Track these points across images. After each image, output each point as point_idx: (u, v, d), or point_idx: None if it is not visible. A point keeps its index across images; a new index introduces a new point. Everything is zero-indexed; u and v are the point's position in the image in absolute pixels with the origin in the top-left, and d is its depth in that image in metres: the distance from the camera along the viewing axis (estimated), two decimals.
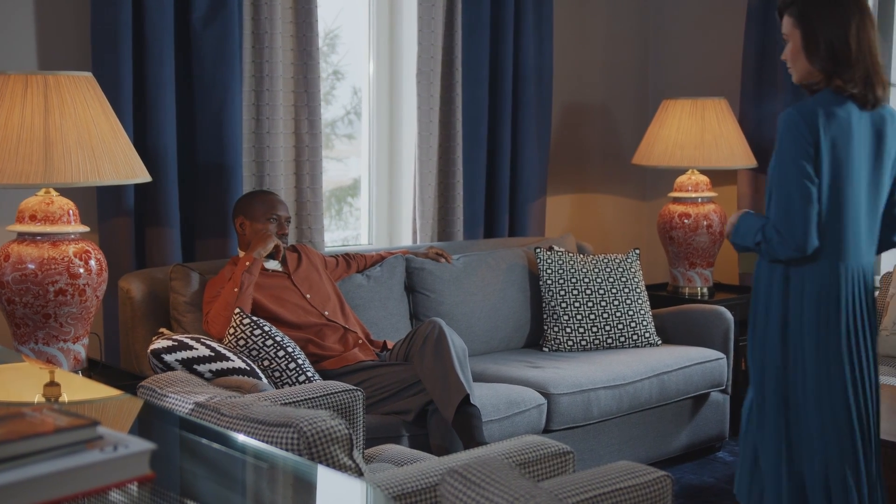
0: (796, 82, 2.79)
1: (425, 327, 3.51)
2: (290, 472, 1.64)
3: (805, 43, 2.71)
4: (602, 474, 2.03)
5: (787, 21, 2.75)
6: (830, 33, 2.68)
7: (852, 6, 2.70)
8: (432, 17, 4.59)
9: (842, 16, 2.68)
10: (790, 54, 2.76)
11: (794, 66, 2.76)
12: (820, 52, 2.69)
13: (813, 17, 2.69)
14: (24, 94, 3.17)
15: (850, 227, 2.74)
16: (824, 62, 2.69)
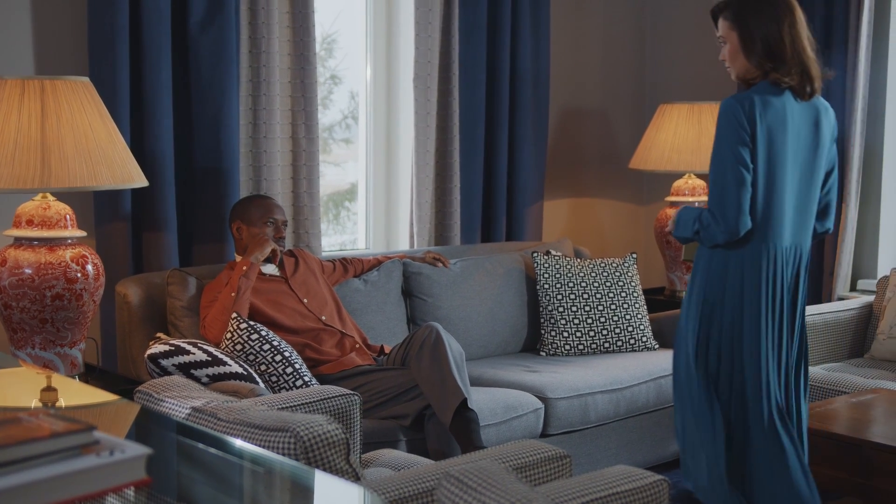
0: (735, 80, 2.98)
1: (422, 332, 3.51)
2: (286, 477, 1.64)
3: (742, 42, 2.89)
4: (599, 478, 2.03)
5: (722, 24, 2.95)
6: (765, 32, 2.86)
7: (783, 6, 2.89)
8: (429, 21, 4.59)
9: (774, 15, 2.87)
10: (729, 54, 2.94)
11: (732, 64, 2.95)
12: (757, 49, 2.87)
13: (748, 17, 2.87)
14: (21, 98, 3.17)
15: (782, 211, 2.90)
16: (761, 58, 2.87)
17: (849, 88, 4.75)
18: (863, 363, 4.38)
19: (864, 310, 4.56)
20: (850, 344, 4.52)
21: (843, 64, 4.78)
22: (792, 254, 2.96)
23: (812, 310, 4.43)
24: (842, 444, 3.37)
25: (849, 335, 4.51)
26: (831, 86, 4.83)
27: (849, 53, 4.73)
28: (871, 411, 3.66)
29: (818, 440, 3.42)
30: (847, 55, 4.75)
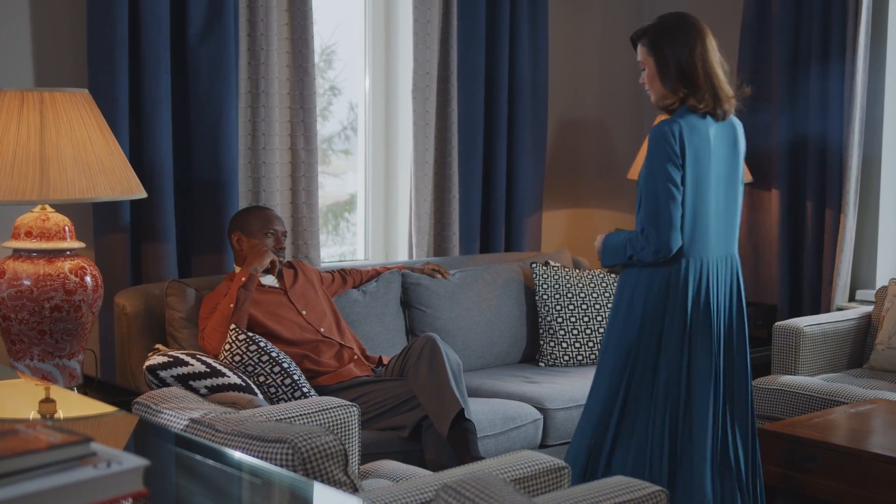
0: (654, 103, 3.12)
1: (420, 342, 3.51)
2: (284, 489, 1.64)
3: (658, 68, 3.06)
4: (597, 489, 2.03)
5: (640, 50, 3.10)
6: (678, 58, 3.04)
7: (694, 33, 3.07)
8: (427, 32, 4.60)
9: (687, 42, 3.05)
10: (647, 79, 3.10)
11: (651, 89, 3.10)
12: (671, 74, 3.04)
13: (663, 44, 3.05)
14: (20, 110, 3.18)
15: (707, 227, 3.09)
16: (675, 83, 3.04)
17: (846, 98, 4.75)
18: (861, 373, 4.38)
19: (863, 320, 4.56)
20: (848, 354, 4.52)
21: (840, 73, 4.79)
22: (724, 263, 3.15)
23: (811, 320, 4.43)
24: (841, 454, 3.36)
25: (847, 345, 4.51)
26: (830, 95, 4.84)
27: (846, 62, 4.74)
28: (870, 422, 3.66)
29: (817, 451, 3.42)
30: (845, 64, 4.76)
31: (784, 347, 4.36)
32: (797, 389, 4.12)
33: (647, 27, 3.11)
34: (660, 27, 3.09)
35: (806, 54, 4.91)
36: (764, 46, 5.08)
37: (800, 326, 4.35)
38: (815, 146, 4.91)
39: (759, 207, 5.19)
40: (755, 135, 5.16)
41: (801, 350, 4.33)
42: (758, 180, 5.13)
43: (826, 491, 3.41)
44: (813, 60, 4.87)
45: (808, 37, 4.89)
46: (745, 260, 5.24)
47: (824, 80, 4.86)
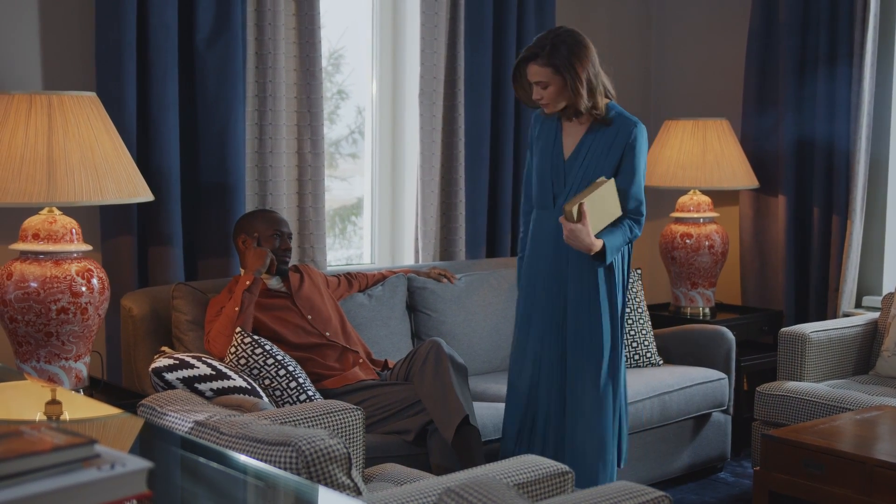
0: (551, 112, 3.38)
1: (425, 347, 3.51)
2: (288, 492, 1.64)
3: (568, 83, 3.30)
4: (601, 494, 2.03)
5: (540, 70, 3.31)
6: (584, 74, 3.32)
7: (591, 50, 3.37)
8: (435, 37, 4.61)
9: (587, 58, 3.34)
10: (552, 95, 3.33)
11: (554, 103, 3.35)
12: (579, 88, 3.31)
13: (570, 65, 3.29)
14: (28, 113, 3.19)
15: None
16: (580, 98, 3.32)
17: (854, 103, 4.75)
18: (867, 380, 4.37)
19: (869, 326, 4.55)
20: (854, 360, 4.51)
21: (847, 78, 4.79)
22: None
23: (817, 326, 4.43)
24: (846, 461, 3.36)
25: (853, 352, 4.50)
26: (837, 100, 4.84)
27: (854, 67, 4.74)
28: (876, 428, 3.65)
29: (822, 457, 3.41)
30: (852, 69, 4.75)
31: (790, 353, 4.35)
32: (803, 396, 4.12)
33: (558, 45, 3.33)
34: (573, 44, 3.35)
35: (813, 59, 4.91)
36: (771, 51, 5.08)
37: (806, 333, 4.34)
38: (822, 152, 4.91)
39: (765, 213, 5.18)
40: (762, 140, 5.16)
41: (807, 356, 4.32)
42: (764, 186, 5.13)
43: (831, 498, 3.40)
44: (820, 65, 4.87)
45: (816, 41, 4.88)
46: (752, 266, 5.23)
47: (831, 85, 4.86)
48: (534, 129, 3.51)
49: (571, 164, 3.39)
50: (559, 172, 3.39)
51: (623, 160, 3.36)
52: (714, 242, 4.98)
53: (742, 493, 4.27)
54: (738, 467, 4.59)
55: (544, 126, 3.46)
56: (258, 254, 3.71)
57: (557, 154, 3.40)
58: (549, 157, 3.40)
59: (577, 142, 3.39)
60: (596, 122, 3.38)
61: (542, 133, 3.46)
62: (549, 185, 3.40)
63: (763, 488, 3.58)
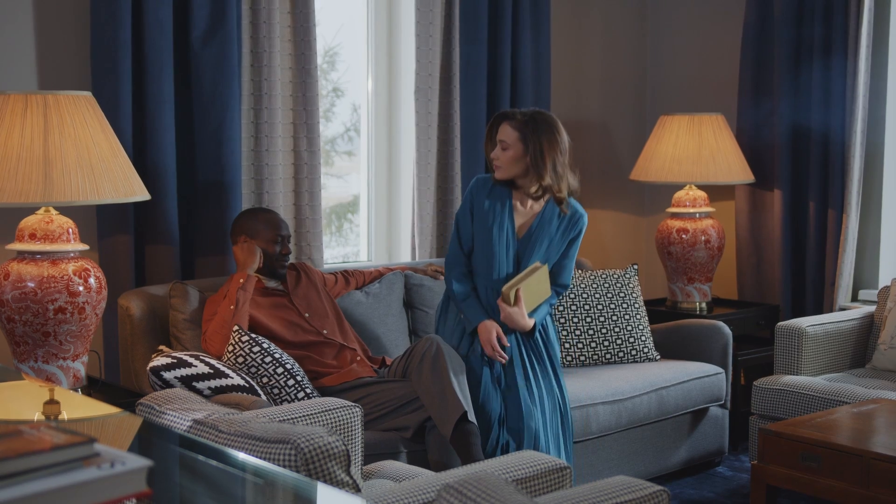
0: (501, 177, 3.54)
1: (422, 344, 3.52)
2: (287, 489, 1.65)
3: (528, 155, 3.50)
4: (599, 489, 2.04)
5: (510, 132, 3.50)
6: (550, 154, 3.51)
7: (563, 140, 3.55)
8: (430, 34, 4.61)
9: (556, 143, 3.52)
10: (508, 159, 3.51)
11: (508, 167, 3.52)
12: (540, 164, 3.49)
13: (538, 139, 3.48)
14: (23, 113, 3.19)
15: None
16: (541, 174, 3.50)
17: (849, 97, 4.76)
18: (864, 373, 4.38)
19: (866, 320, 4.56)
20: (851, 354, 4.52)
21: (842, 71, 4.79)
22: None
23: (813, 320, 4.44)
24: (843, 454, 3.37)
25: (850, 345, 4.51)
26: (832, 93, 4.85)
27: (849, 60, 4.75)
28: (873, 421, 3.66)
29: (820, 450, 3.42)
30: (847, 62, 4.76)
31: (787, 347, 4.36)
32: (800, 389, 4.13)
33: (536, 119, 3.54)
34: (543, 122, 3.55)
35: (808, 52, 4.91)
36: (766, 44, 5.08)
37: (802, 326, 4.35)
38: (818, 145, 4.92)
39: (761, 208, 5.19)
40: (757, 133, 5.17)
41: (804, 350, 4.33)
42: (760, 180, 5.13)
43: (829, 491, 3.41)
44: (815, 58, 4.87)
45: (811, 34, 4.89)
46: (748, 260, 5.24)
47: (826, 78, 4.87)
48: (477, 196, 3.59)
49: (524, 244, 3.57)
50: (511, 251, 3.57)
51: (569, 247, 3.64)
52: (710, 237, 4.99)
53: (739, 487, 4.28)
54: (736, 461, 4.60)
55: (494, 199, 3.57)
56: (249, 249, 3.71)
57: (510, 232, 3.56)
58: (502, 233, 3.55)
59: (530, 224, 3.58)
60: (548, 208, 3.58)
61: (492, 206, 3.56)
62: (499, 260, 3.56)
63: (760, 482, 3.59)
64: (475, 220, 3.58)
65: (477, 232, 3.57)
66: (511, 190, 3.58)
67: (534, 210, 3.59)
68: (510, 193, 3.57)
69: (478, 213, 3.58)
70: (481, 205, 3.57)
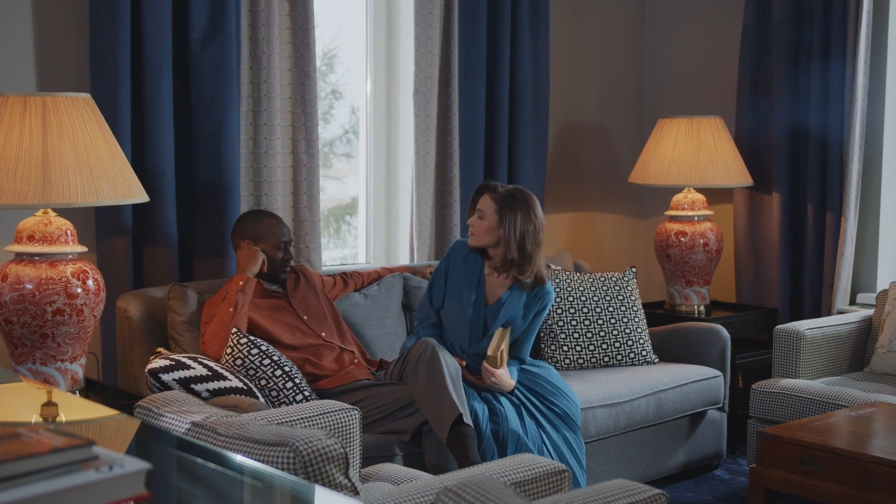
0: (473, 245, 3.70)
1: (418, 347, 3.51)
2: (286, 492, 1.65)
3: (502, 227, 3.64)
4: (597, 493, 2.04)
5: (488, 203, 3.65)
6: (521, 229, 3.63)
7: (539, 222, 3.68)
8: (429, 37, 4.61)
9: (532, 223, 3.65)
10: (483, 228, 3.67)
11: (481, 236, 3.67)
12: (511, 238, 3.64)
13: (514, 213, 3.62)
14: (22, 115, 3.19)
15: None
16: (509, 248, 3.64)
17: (847, 100, 4.76)
18: (862, 377, 4.39)
19: (864, 323, 4.56)
20: (849, 357, 4.52)
21: (841, 73, 4.80)
22: None
23: (812, 323, 4.44)
24: (841, 457, 3.37)
25: (848, 349, 4.51)
26: (830, 96, 4.85)
27: (847, 63, 4.75)
28: (871, 425, 3.66)
29: (818, 454, 3.42)
30: (846, 64, 4.76)
31: (785, 351, 4.36)
32: (798, 393, 4.13)
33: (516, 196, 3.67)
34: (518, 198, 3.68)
35: (807, 54, 4.92)
36: (765, 46, 5.08)
37: (800, 330, 4.35)
38: (816, 148, 4.92)
39: (759, 211, 5.19)
40: (756, 136, 5.17)
41: (802, 353, 4.33)
42: (758, 183, 5.14)
43: (827, 494, 3.41)
44: (814, 60, 4.88)
45: (809, 36, 4.89)
46: (746, 263, 5.25)
47: (825, 81, 4.87)
48: (454, 258, 3.76)
49: (492, 312, 3.71)
50: (479, 318, 3.72)
51: (533, 321, 3.77)
52: (709, 240, 4.99)
53: (738, 491, 4.28)
54: (734, 465, 4.60)
55: (468, 266, 3.74)
56: (250, 253, 3.70)
57: (480, 300, 3.72)
58: (471, 298, 3.71)
59: (499, 296, 3.72)
60: (516, 284, 3.71)
61: (466, 272, 3.73)
62: (468, 326, 3.72)
63: (759, 485, 3.59)
64: (449, 280, 3.75)
65: (450, 292, 3.74)
66: (484, 260, 3.75)
67: (504, 282, 3.74)
68: (483, 263, 3.75)
69: (452, 274, 3.75)
70: (457, 267, 3.75)
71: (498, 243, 3.68)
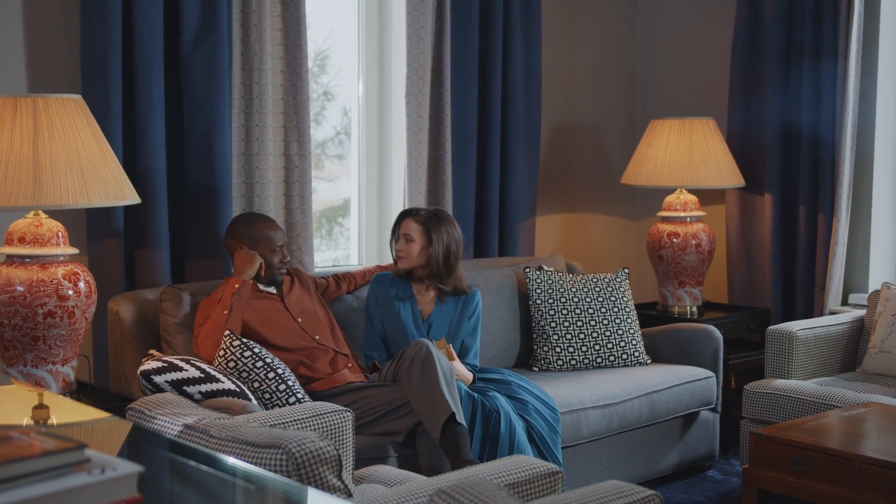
0: (405, 267, 3.96)
1: (412, 348, 3.51)
2: (278, 494, 1.64)
3: (431, 247, 3.92)
4: (591, 494, 2.03)
5: (414, 226, 3.95)
6: (447, 245, 3.94)
7: (460, 240, 4.00)
8: (421, 38, 4.61)
9: (452, 240, 3.96)
10: (413, 251, 3.94)
11: (412, 258, 3.94)
12: (439, 255, 3.93)
13: (439, 232, 3.93)
14: (13, 116, 3.18)
15: None
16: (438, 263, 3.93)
17: (839, 100, 4.77)
18: (854, 377, 4.39)
19: (856, 324, 4.57)
20: (841, 358, 4.53)
21: (832, 73, 4.80)
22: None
23: (804, 324, 4.44)
24: (834, 458, 3.37)
25: (840, 349, 4.52)
26: (822, 96, 4.86)
27: (839, 63, 4.76)
28: (864, 425, 3.67)
29: (811, 454, 3.43)
30: (837, 65, 4.77)
31: (777, 351, 4.36)
32: (790, 393, 4.13)
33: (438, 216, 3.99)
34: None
35: (798, 54, 4.92)
36: (756, 47, 5.09)
37: (793, 330, 4.36)
38: (808, 149, 4.93)
39: (751, 212, 5.20)
40: (748, 137, 5.18)
41: (795, 354, 4.34)
42: (750, 184, 5.14)
43: (820, 495, 3.42)
44: (805, 61, 4.89)
45: (801, 37, 4.90)
46: (738, 264, 5.25)
47: (816, 81, 4.88)
48: (380, 290, 3.97)
49: (431, 323, 3.94)
50: (422, 331, 3.92)
51: (473, 327, 4.01)
52: (701, 241, 5.00)
53: (730, 492, 4.28)
54: (727, 465, 4.60)
55: (397, 292, 3.96)
56: (248, 257, 3.69)
57: (417, 315, 3.94)
58: (409, 317, 3.92)
59: (430, 309, 3.98)
60: (442, 294, 3.97)
61: (398, 297, 3.95)
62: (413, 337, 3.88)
63: (752, 486, 3.59)
64: (382, 308, 3.95)
65: (387, 321, 3.93)
66: (409, 282, 3.99)
67: (432, 296, 4.00)
68: (409, 285, 3.99)
69: (383, 303, 3.95)
70: (386, 295, 3.95)
71: (427, 262, 3.95)
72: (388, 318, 3.94)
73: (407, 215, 4.01)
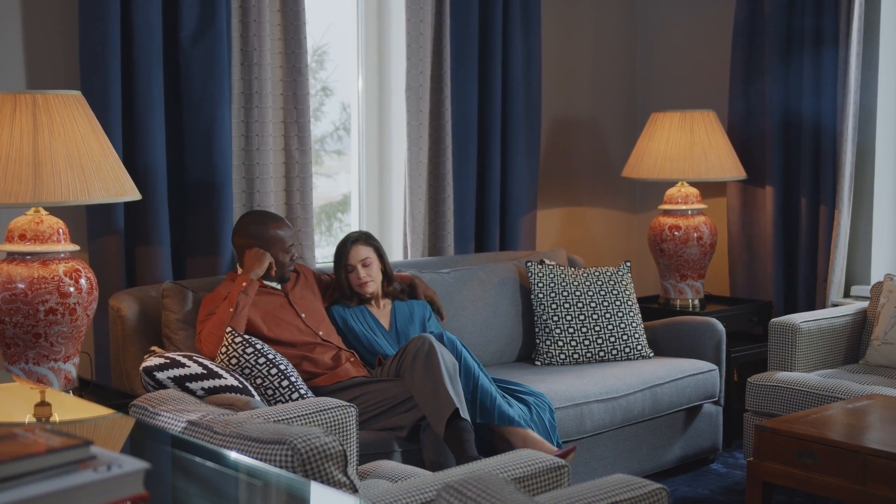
0: (374, 290, 3.97)
1: (415, 343, 3.51)
2: (284, 490, 1.63)
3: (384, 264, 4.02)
4: (598, 488, 2.02)
5: (367, 250, 3.97)
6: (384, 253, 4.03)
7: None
8: (420, 32, 4.59)
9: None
10: (375, 271, 3.97)
11: (375, 281, 3.97)
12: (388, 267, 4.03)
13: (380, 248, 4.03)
14: (12, 113, 3.16)
15: None
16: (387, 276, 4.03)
17: (840, 92, 4.75)
18: (858, 369, 4.38)
19: (859, 316, 4.56)
20: (844, 350, 4.52)
21: (833, 65, 4.79)
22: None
23: (807, 316, 4.44)
24: (838, 450, 3.36)
25: (843, 341, 4.51)
26: (823, 88, 4.84)
27: (840, 54, 4.74)
28: (867, 417, 3.66)
29: (814, 447, 3.42)
30: (838, 55, 4.75)
31: (780, 344, 4.36)
32: (794, 386, 4.12)
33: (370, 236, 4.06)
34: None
35: (798, 45, 4.91)
36: (757, 37, 5.07)
37: (796, 323, 4.35)
38: (809, 141, 4.91)
39: (753, 204, 5.19)
40: (748, 129, 5.16)
41: (798, 346, 4.33)
42: (752, 177, 5.13)
43: (824, 487, 3.41)
44: (806, 52, 4.87)
45: (801, 27, 4.89)
46: (740, 257, 5.24)
47: (817, 72, 4.86)
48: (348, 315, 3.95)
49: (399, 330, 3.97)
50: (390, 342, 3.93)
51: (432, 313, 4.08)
52: (702, 234, 4.99)
53: (734, 484, 4.27)
54: (730, 458, 4.59)
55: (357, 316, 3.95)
56: (258, 255, 3.68)
57: (380, 328, 3.96)
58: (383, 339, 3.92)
59: (389, 318, 4.01)
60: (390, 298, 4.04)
61: (358, 320, 3.94)
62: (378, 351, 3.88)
63: (756, 479, 3.59)
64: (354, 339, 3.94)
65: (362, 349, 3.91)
66: (362, 305, 4.00)
67: (387, 307, 4.04)
68: (363, 308, 3.99)
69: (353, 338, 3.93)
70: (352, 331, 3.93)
71: (383, 277, 4.03)
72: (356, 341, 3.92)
73: (352, 242, 3.97)
